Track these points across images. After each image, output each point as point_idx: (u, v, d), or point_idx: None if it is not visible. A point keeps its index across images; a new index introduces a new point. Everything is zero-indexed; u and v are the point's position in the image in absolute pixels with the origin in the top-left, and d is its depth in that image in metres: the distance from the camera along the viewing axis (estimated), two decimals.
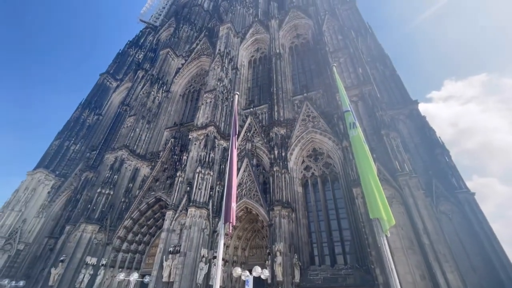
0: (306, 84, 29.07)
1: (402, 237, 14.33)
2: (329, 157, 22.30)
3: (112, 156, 29.08)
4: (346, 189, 19.48)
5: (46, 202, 33.54)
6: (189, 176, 23.35)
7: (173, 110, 36.15)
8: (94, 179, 29.22)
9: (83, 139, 40.40)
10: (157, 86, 36.34)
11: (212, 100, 27.67)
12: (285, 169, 21.31)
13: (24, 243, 30.22)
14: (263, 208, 20.35)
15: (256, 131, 26.11)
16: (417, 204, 15.00)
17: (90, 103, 44.10)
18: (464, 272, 14.99)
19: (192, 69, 39.67)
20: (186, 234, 19.39)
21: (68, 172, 36.60)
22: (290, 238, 18.10)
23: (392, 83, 25.96)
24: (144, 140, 31.98)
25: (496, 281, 14.77)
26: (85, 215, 24.81)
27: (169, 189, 25.32)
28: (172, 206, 21.75)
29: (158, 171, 27.71)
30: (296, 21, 35.20)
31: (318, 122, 23.59)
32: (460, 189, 18.03)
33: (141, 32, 61.81)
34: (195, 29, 47.06)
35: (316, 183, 21.97)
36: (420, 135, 21.70)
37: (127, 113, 36.33)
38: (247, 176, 22.63)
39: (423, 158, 20.58)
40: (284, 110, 26.18)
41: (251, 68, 35.28)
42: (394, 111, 23.43)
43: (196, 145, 25.22)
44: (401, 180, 15.97)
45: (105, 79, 48.29)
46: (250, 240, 22.57)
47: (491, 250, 15.60)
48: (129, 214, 25.43)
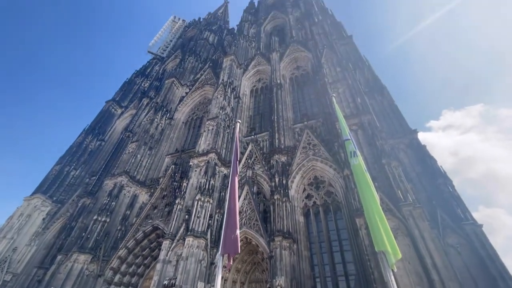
0: (306, 113, 29.72)
1: (409, 272, 13.59)
2: (330, 185, 22.02)
3: (112, 182, 28.82)
4: (349, 219, 18.92)
5: (39, 229, 32.55)
6: (188, 203, 22.90)
7: (175, 137, 36.59)
8: (91, 205, 28.66)
9: (84, 164, 40.37)
10: (161, 113, 37.20)
11: (214, 127, 28.11)
12: (286, 197, 20.93)
13: (12, 274, 28.73)
14: (263, 238, 19.61)
15: (257, 158, 26.14)
16: (423, 236, 14.45)
17: (94, 129, 44.80)
18: None
19: (195, 98, 40.89)
20: (182, 266, 18.46)
21: (65, 198, 36.01)
22: (291, 271, 17.18)
23: (390, 113, 26.52)
24: (145, 166, 31.91)
25: None
26: (79, 243, 23.91)
27: (167, 217, 24.68)
28: (169, 235, 21.01)
29: (157, 198, 27.25)
30: (296, 54, 37.01)
31: (319, 150, 23.69)
32: (467, 220, 17.50)
33: (149, 62, 64.89)
34: (200, 61, 49.37)
35: (318, 212, 21.43)
36: (421, 164, 21.63)
37: (129, 139, 36.78)
38: (247, 204, 22.17)
39: (426, 188, 20.28)
40: (285, 138, 26.45)
41: (252, 97, 36.34)
42: (394, 140, 23.62)
43: (196, 171, 25.10)
44: (405, 210, 15.58)
45: (111, 106, 49.60)
46: (250, 274, 21.41)
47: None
48: (124, 243, 24.48)
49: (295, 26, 43.71)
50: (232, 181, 9.88)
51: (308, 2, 47.36)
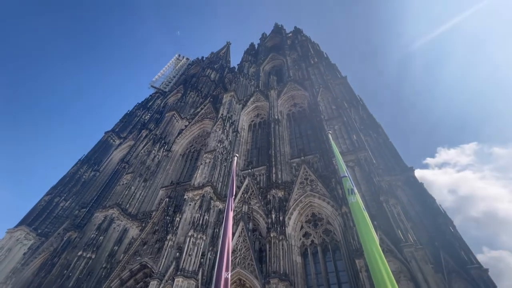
0: (303, 148, 30.05)
1: None
2: (328, 223, 21.34)
3: (102, 214, 27.73)
4: (348, 260, 17.97)
5: (19, 265, 30.28)
6: (180, 240, 21.81)
7: (172, 168, 36.26)
8: (77, 240, 27.12)
9: (75, 195, 39.15)
10: (159, 145, 37.36)
11: (211, 160, 28.07)
12: (283, 235, 20.09)
13: None
14: (258, 280, 18.33)
15: (253, 192, 25.66)
16: (427, 281, 13.63)
17: (90, 160, 44.44)
18: None
19: (194, 131, 41.52)
20: None
21: (51, 230, 34.19)
22: None
23: (386, 150, 26.85)
24: (138, 199, 31.01)
25: None
26: (58, 283, 22.10)
27: (156, 254, 23.29)
28: (158, 275, 19.59)
29: (147, 233, 26.01)
30: (293, 92, 38.68)
31: (316, 186, 23.43)
32: (471, 264, 16.62)
33: (151, 96, 67.15)
34: (201, 96, 51.20)
35: (316, 252, 20.42)
36: (420, 203, 21.27)
37: (125, 170, 36.33)
38: (242, 242, 21.16)
39: (427, 228, 19.66)
40: (282, 173, 26.33)
41: (251, 132, 36.99)
42: (391, 177, 23.53)
43: (191, 206, 24.38)
44: (406, 251, 14.92)
45: (109, 137, 49.91)
46: None
47: None
48: (108, 283, 22.67)
49: (293, 67, 46.41)
50: (227, 218, 9.58)
51: (305, 45, 50.97)
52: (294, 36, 60.02)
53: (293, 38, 59.29)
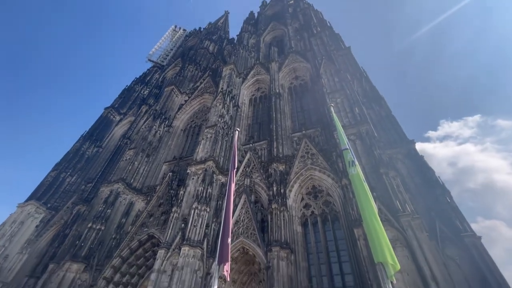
0: (305, 122, 29.87)
1: (408, 284, 13.37)
2: (328, 195, 21.91)
3: (108, 189, 28.52)
4: (347, 230, 18.74)
5: (32, 237, 31.86)
6: (184, 212, 22.62)
7: (174, 144, 36.51)
8: (86, 213, 28.23)
9: (80, 171, 39.97)
10: (159, 120, 37.23)
11: (213, 135, 28.12)
12: (284, 206, 20.76)
13: (2, 283, 27.91)
14: (260, 248, 19.31)
15: (255, 166, 26.04)
16: (422, 248, 14.31)
17: (92, 136, 44.63)
18: None
19: (194, 106, 41.07)
20: (177, 276, 18.06)
21: (60, 205, 35.45)
22: (289, 283, 16.85)
23: (388, 123, 26.65)
24: (142, 174, 31.66)
25: None
26: (72, 252, 23.40)
27: (163, 225, 24.32)
28: (165, 244, 20.64)
29: (153, 206, 26.92)
30: (295, 64, 37.51)
31: (317, 159, 23.68)
32: (465, 232, 17.29)
33: (148, 70, 65.41)
34: (199, 69, 49.84)
35: (316, 222, 21.23)
36: (420, 175, 21.58)
37: (127, 146, 36.63)
38: (245, 213, 21.93)
39: (425, 199, 20.15)
40: (283, 147, 26.47)
41: (251, 106, 36.55)
42: (392, 150, 23.64)
43: (194, 179, 24.92)
44: (403, 221, 15.47)
45: (109, 113, 49.61)
46: (246, 285, 20.97)
47: None
48: (118, 251, 23.99)
49: (294, 37, 44.48)
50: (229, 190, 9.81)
51: (307, 14, 48.38)
52: (295, 4, 56.68)
53: (295, 5, 56.03)
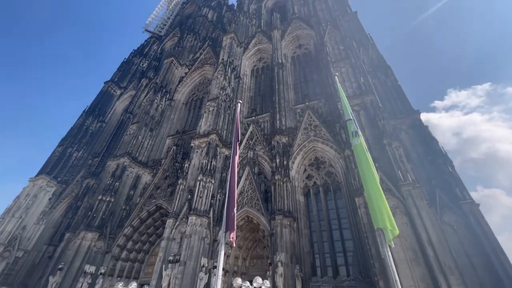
0: (308, 93, 29.27)
1: (406, 248, 14.06)
2: (331, 166, 22.20)
3: (114, 163, 29.16)
4: (348, 199, 19.29)
5: (46, 209, 33.42)
6: (190, 184, 23.28)
7: (176, 118, 36.42)
8: (95, 186, 29.20)
9: (86, 146, 40.60)
10: (160, 94, 36.76)
11: (215, 108, 27.88)
12: (287, 177, 21.20)
13: (23, 250, 29.93)
14: (264, 217, 20.13)
15: (258, 139, 26.15)
16: (421, 215, 14.77)
17: (94, 111, 44.54)
18: (470, 286, 14.58)
19: (195, 78, 40.18)
20: (186, 243, 19.16)
21: (69, 179, 36.61)
22: (291, 248, 17.81)
23: (394, 93, 26.05)
24: (146, 148, 32.10)
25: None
26: (85, 222, 24.67)
27: (170, 197, 25.21)
28: (173, 214, 21.59)
29: (159, 178, 27.67)
30: (298, 32, 35.76)
31: (320, 131, 23.61)
32: (464, 199, 17.74)
33: (146, 41, 63.05)
34: (199, 39, 47.90)
35: (318, 192, 21.79)
36: (423, 145, 21.58)
37: (130, 120, 36.67)
38: (249, 184, 22.52)
39: (426, 168, 20.39)
40: (286, 119, 26.28)
41: (253, 77, 35.65)
42: (396, 121, 23.41)
43: (198, 153, 25.26)
44: (404, 190, 15.79)
45: (110, 87, 48.93)
46: (251, 250, 22.24)
47: (498, 263, 15.19)
48: (129, 221, 25.24)
49: (297, 2, 41.79)
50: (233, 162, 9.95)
51: None
52: None
53: None
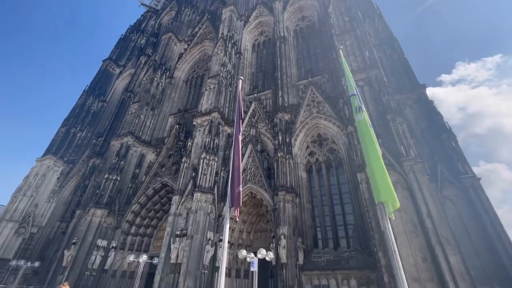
0: (311, 68, 28.51)
1: (405, 221, 14.48)
2: (333, 142, 22.22)
3: (118, 142, 29.43)
4: (350, 175, 19.54)
5: (56, 187, 34.43)
6: (194, 162, 23.61)
7: (177, 96, 36.04)
8: (101, 165, 29.76)
9: (89, 126, 40.78)
10: (160, 72, 36.06)
11: (216, 85, 27.43)
12: (289, 154, 21.36)
13: (37, 227, 31.36)
14: (267, 193, 20.62)
15: (260, 117, 25.99)
16: (422, 189, 15.02)
17: (94, 90, 44.11)
18: (466, 255, 15.16)
19: (195, 54, 39.10)
20: (192, 218, 19.88)
21: (75, 158, 37.26)
22: (294, 222, 18.43)
23: (399, 67, 25.30)
24: (149, 127, 32.18)
25: (499, 265, 14.94)
26: (94, 200, 25.50)
27: (174, 174, 25.70)
28: (178, 191, 22.18)
29: (163, 157, 28.04)
30: (301, 3, 34.00)
31: (323, 107, 23.33)
32: (466, 174, 17.90)
33: (142, 16, 60.59)
34: (197, 12, 45.92)
35: (320, 168, 22.05)
36: (427, 120, 21.36)
37: (131, 99, 36.39)
38: (252, 162, 22.78)
39: (429, 144, 20.36)
40: (289, 96, 25.88)
41: (254, 52, 34.59)
42: (401, 96, 22.98)
43: (200, 131, 25.31)
44: (406, 165, 15.91)
45: (108, 65, 47.99)
46: (255, 224, 23.06)
47: (495, 234, 15.68)
48: (136, 199, 26.04)
49: None
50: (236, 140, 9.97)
51: None
52: None
53: None
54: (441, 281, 12.58)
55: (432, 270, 13.01)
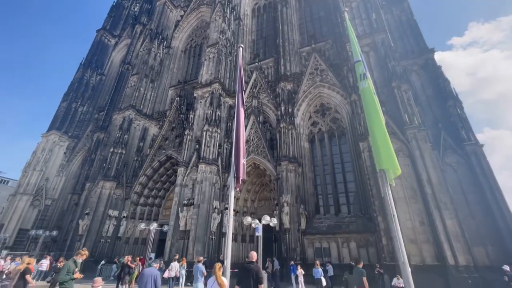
0: (314, 34, 27.17)
1: (405, 188, 14.84)
2: (336, 112, 21.98)
3: (120, 116, 29.41)
4: (353, 144, 19.63)
5: (64, 162, 35.29)
6: (197, 134, 23.74)
7: (176, 67, 35.08)
8: (106, 139, 30.08)
9: (89, 100, 40.44)
10: (157, 41, 34.69)
11: (215, 55, 26.50)
12: (292, 125, 21.31)
13: (51, 199, 32.79)
14: (270, 163, 20.98)
15: (262, 87, 25.46)
16: (423, 157, 15.14)
17: (91, 63, 42.91)
18: (462, 219, 15.78)
19: (192, 21, 37.20)
20: (198, 189, 20.57)
21: (79, 133, 37.61)
22: (296, 190, 19.01)
23: (408, 30, 23.99)
24: (150, 100, 31.87)
25: (494, 227, 15.58)
26: (102, 173, 26.24)
27: (178, 147, 26.02)
28: (183, 163, 22.65)
29: (166, 130, 28.15)
30: None
31: (326, 76, 22.69)
32: (469, 141, 17.89)
33: None
34: None
35: (323, 138, 22.11)
36: (434, 86, 20.81)
37: (129, 72, 35.56)
38: (254, 133, 22.84)
39: (434, 111, 20.08)
40: (291, 64, 25.04)
41: (255, 18, 32.78)
42: (408, 61, 22.15)
43: (201, 103, 25.05)
44: (409, 133, 15.86)
45: (103, 36, 46.06)
46: (259, 193, 23.85)
47: (492, 198, 16.12)
48: (142, 171, 26.73)
49: None
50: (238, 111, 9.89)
51: None
52: None
53: None
54: (436, 242, 13.25)
55: (429, 232, 13.64)
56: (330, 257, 16.79)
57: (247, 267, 5.06)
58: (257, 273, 4.89)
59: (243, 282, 4.91)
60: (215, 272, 4.93)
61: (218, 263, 5.51)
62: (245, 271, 5.03)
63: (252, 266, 5.02)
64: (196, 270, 9.44)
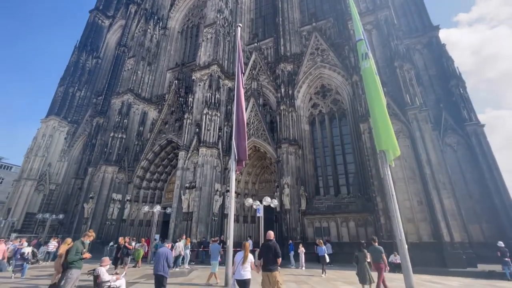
0: (315, 12, 26.20)
1: (404, 168, 14.98)
2: (337, 93, 21.71)
3: (119, 100, 29.11)
4: (353, 125, 19.57)
5: (65, 147, 35.43)
6: (196, 117, 23.62)
7: (173, 49, 34.21)
8: (105, 124, 29.98)
9: (87, 84, 39.87)
10: (152, 22, 33.57)
11: (213, 35, 25.74)
12: (292, 107, 21.12)
13: (55, 184, 33.29)
14: (270, 146, 21.04)
15: (261, 68, 24.96)
16: (424, 137, 15.13)
17: (86, 46, 41.83)
18: (460, 198, 16.10)
19: (188, 0, 35.78)
20: (199, 172, 20.79)
21: (79, 118, 37.43)
22: (297, 172, 19.21)
23: (412, 6, 23.14)
24: (148, 83, 31.38)
25: (489, 205, 15.93)
26: (103, 158, 26.41)
27: (178, 131, 25.97)
28: (184, 147, 22.72)
29: (165, 114, 27.96)
30: None
31: (327, 56, 22.16)
32: (470, 121, 17.83)
33: None
34: None
35: (323, 120, 22.00)
36: (437, 66, 20.40)
37: (125, 54, 34.76)
38: (254, 116, 22.71)
39: (436, 91, 19.83)
40: (291, 44, 24.37)
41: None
42: (411, 40, 21.54)
43: (200, 86, 24.68)
44: (410, 114, 15.74)
45: (96, 17, 44.55)
46: (259, 176, 24.13)
47: (490, 177, 16.34)
48: (144, 155, 26.89)
49: None
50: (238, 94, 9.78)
51: None
52: None
53: None
54: (433, 220, 13.58)
55: (426, 211, 13.94)
56: (329, 235, 17.30)
57: (267, 244, 5.98)
58: (275, 248, 5.82)
59: (265, 255, 5.82)
60: (246, 248, 5.91)
61: (247, 242, 6.67)
62: (266, 247, 5.95)
63: (271, 243, 5.91)
64: (214, 248, 10.62)
